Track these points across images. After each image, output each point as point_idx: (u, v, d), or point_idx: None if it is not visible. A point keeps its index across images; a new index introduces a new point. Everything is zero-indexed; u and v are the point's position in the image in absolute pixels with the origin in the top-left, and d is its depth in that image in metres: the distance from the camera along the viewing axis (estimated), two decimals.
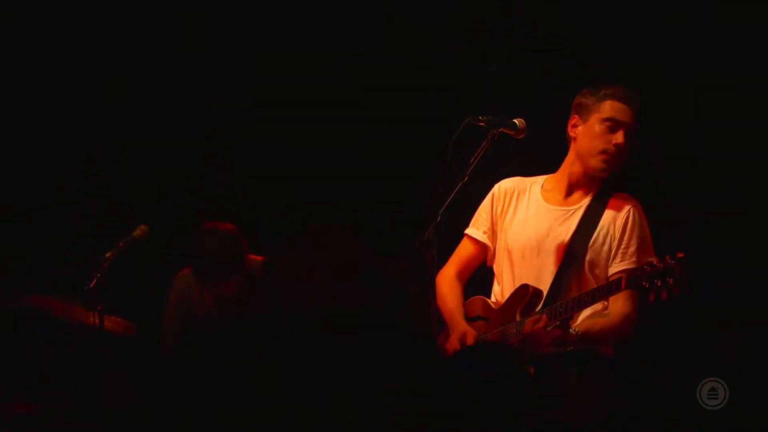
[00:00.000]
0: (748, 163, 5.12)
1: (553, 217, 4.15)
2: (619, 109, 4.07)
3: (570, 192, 4.18)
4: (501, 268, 4.21)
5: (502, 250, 4.22)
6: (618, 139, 4.05)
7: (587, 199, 4.14)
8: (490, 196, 4.30)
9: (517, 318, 4.01)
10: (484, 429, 2.95)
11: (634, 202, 4.13)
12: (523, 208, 4.21)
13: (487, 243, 4.28)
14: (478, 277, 4.38)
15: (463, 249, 4.34)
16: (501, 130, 3.93)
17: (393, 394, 1.94)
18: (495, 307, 4.18)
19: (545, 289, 4.05)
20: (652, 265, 3.70)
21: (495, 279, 4.26)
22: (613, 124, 4.07)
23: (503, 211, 4.25)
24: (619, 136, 4.05)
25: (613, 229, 4.07)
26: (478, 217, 4.31)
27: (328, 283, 2.17)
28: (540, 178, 4.28)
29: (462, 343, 4.06)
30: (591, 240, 4.06)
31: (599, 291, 3.87)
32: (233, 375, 1.71)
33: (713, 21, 5.13)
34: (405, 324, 2.19)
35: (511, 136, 3.97)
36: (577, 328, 3.96)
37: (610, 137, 4.06)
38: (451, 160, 3.80)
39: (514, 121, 3.96)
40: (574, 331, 3.94)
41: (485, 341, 4.08)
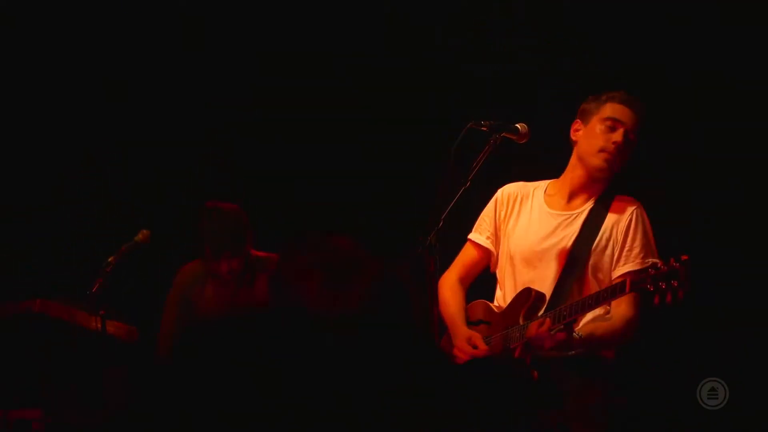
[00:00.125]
0: (748, 163, 5.11)
1: (555, 222, 4.13)
2: (619, 110, 4.07)
3: (572, 196, 4.16)
4: (503, 274, 4.20)
5: (504, 255, 4.20)
6: (617, 138, 4.03)
7: (589, 203, 4.13)
8: (493, 201, 4.29)
9: (520, 321, 3.99)
10: (484, 429, 2.95)
11: (637, 204, 4.11)
12: (526, 214, 4.20)
13: (491, 248, 4.26)
14: (479, 282, 4.37)
15: (466, 254, 4.32)
16: (503, 135, 3.92)
17: (393, 395, 1.94)
18: (497, 310, 4.16)
19: (548, 295, 4.03)
20: (656, 268, 3.69)
21: (498, 284, 4.25)
22: (612, 124, 4.06)
23: (506, 216, 4.23)
24: (618, 135, 4.04)
25: (615, 232, 4.06)
26: (482, 222, 4.30)
27: (327, 283, 2.17)
28: (543, 183, 4.26)
29: (473, 348, 4.06)
30: (594, 244, 4.04)
31: (603, 294, 3.86)
32: (233, 374, 1.72)
33: (713, 21, 5.12)
34: (405, 324, 2.19)
35: (514, 141, 3.97)
36: (580, 331, 3.93)
37: (610, 136, 4.05)
38: (453, 164, 3.80)
39: (517, 126, 3.94)
40: (578, 334, 3.91)
41: (491, 343, 4.07)
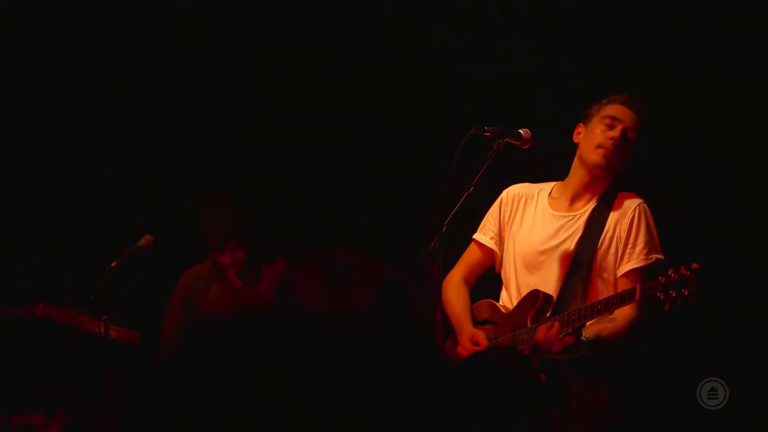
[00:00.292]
0: (748, 163, 5.12)
1: (558, 224, 4.15)
2: (619, 109, 4.10)
3: (575, 198, 4.17)
4: (508, 276, 4.21)
5: (509, 257, 4.22)
6: (614, 134, 4.05)
7: (592, 203, 4.14)
8: (498, 201, 4.30)
9: (528, 324, 4.01)
10: (485, 430, 2.95)
11: (640, 200, 4.12)
12: (530, 215, 4.21)
13: (494, 248, 4.28)
14: (484, 282, 4.38)
15: (470, 254, 4.35)
16: (506, 140, 3.94)
17: (393, 395, 1.94)
18: (504, 311, 4.18)
19: (553, 297, 4.05)
20: (667, 276, 3.71)
21: (503, 286, 4.27)
22: (611, 122, 4.08)
23: (511, 217, 4.25)
24: (616, 131, 4.06)
25: (619, 230, 4.07)
26: (486, 222, 4.32)
27: (328, 285, 2.18)
28: (548, 185, 4.28)
29: (474, 345, 4.07)
30: (597, 244, 4.06)
31: (613, 300, 3.86)
32: (233, 374, 1.72)
33: (713, 21, 5.12)
34: (406, 325, 2.20)
35: (517, 146, 3.97)
36: (586, 333, 3.95)
37: (608, 133, 4.07)
38: (456, 169, 3.80)
39: (520, 131, 3.96)
40: (585, 337, 3.93)
41: (498, 345, 4.07)
